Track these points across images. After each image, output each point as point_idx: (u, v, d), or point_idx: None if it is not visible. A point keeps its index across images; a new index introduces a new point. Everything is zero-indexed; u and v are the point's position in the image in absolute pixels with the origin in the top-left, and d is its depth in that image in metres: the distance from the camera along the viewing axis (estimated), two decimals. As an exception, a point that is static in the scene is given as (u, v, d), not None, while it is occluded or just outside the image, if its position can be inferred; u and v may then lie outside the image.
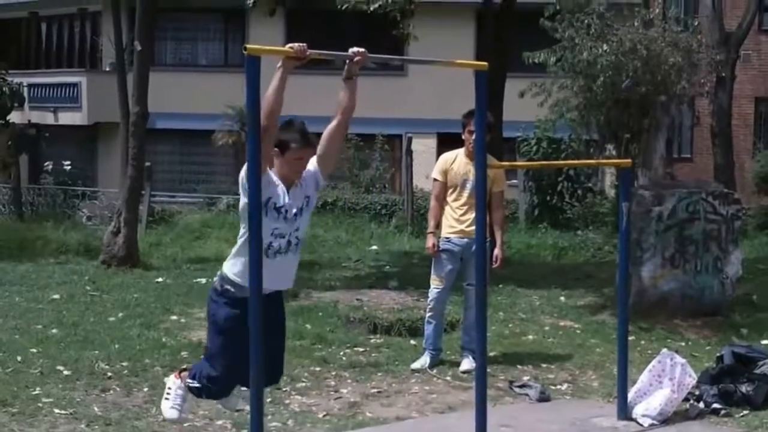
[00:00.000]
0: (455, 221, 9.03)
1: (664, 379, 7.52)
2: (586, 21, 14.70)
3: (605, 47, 13.89)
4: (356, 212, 22.07)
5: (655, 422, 7.38)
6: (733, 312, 11.49)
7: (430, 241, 9.09)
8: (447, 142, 20.00)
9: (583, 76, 14.35)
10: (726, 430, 7.40)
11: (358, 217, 21.46)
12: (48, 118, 30.64)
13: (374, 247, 17.70)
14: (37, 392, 7.92)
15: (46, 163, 27.09)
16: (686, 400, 7.76)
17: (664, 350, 7.87)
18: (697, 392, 7.89)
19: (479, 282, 6.25)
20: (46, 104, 30.73)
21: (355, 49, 5.40)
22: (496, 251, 9.07)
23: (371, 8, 17.17)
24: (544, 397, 8.15)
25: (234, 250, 5.83)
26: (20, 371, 8.56)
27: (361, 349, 9.77)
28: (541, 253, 17.28)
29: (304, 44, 5.17)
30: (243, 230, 5.60)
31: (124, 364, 8.88)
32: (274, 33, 26.57)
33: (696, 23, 17.67)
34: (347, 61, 5.43)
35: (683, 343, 10.27)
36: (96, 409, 7.55)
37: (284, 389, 8.25)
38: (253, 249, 4.87)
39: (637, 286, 11.15)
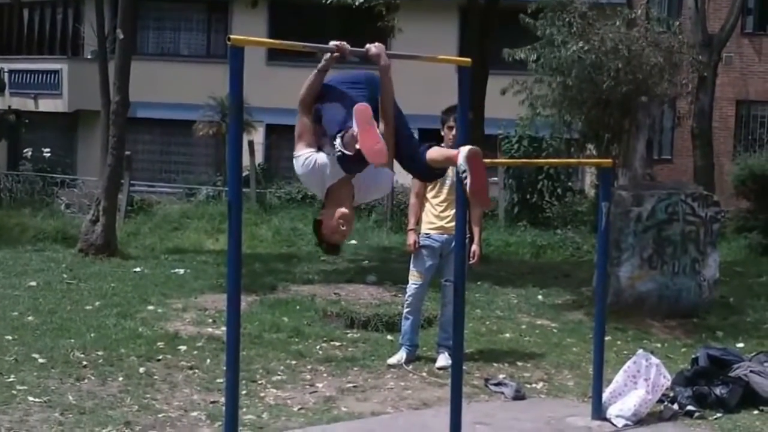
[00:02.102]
0: (435, 218, 9.04)
1: (639, 380, 7.54)
2: (567, 19, 14.71)
3: (580, 44, 13.90)
4: (336, 205, 22.02)
5: (629, 423, 7.40)
6: (710, 314, 11.54)
7: (410, 238, 9.09)
8: (428, 137, 19.96)
9: (559, 73, 14.36)
10: (699, 432, 7.44)
11: (337, 211, 21.41)
12: (28, 105, 30.50)
13: (353, 242, 17.68)
14: (11, 379, 7.88)
15: (25, 150, 26.93)
16: (660, 401, 7.78)
17: (640, 351, 7.89)
18: (671, 394, 7.92)
19: (458, 279, 6.24)
20: (27, 90, 30.59)
21: (335, 42, 5.30)
22: (474, 247, 9.09)
23: (356, 2, 17.16)
24: (519, 396, 8.16)
25: None
26: (-6, 358, 8.53)
27: (337, 344, 9.76)
28: (519, 252, 17.31)
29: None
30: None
31: (100, 353, 8.85)
32: (257, 24, 26.55)
33: (678, 24, 17.71)
34: (327, 55, 5.33)
35: (659, 344, 10.30)
36: (70, 397, 7.52)
37: (260, 382, 8.24)
38: (232, 247, 4.84)
39: (614, 287, 11.19)
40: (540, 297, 12.74)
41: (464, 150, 5.20)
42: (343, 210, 5.13)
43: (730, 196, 21.20)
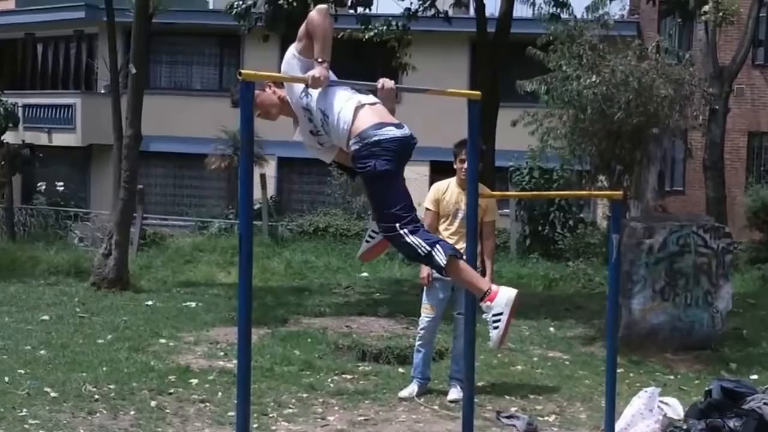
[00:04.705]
0: (446, 250, 9.02)
1: (645, 411, 7.53)
2: (578, 51, 14.76)
3: (594, 78, 13.93)
4: (348, 238, 22.08)
5: (641, 455, 7.37)
6: (723, 346, 11.49)
7: (424, 271, 9.07)
8: (440, 169, 19.99)
9: (571, 106, 14.39)
10: (713, 465, 7.39)
11: (349, 244, 21.45)
12: (42, 139, 30.66)
13: (365, 274, 17.69)
14: (23, 414, 7.88)
15: (39, 184, 27.09)
16: (673, 433, 7.75)
17: (645, 389, 7.90)
18: (684, 426, 7.88)
19: (469, 311, 6.23)
20: (41, 125, 30.76)
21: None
22: (486, 280, 9.06)
23: (366, 36, 17.26)
24: (531, 428, 8.13)
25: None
26: (7, 392, 8.53)
27: (349, 377, 9.74)
28: (531, 283, 17.27)
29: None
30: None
31: (112, 386, 8.86)
32: (269, 59, 26.62)
33: (688, 56, 17.76)
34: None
35: (672, 377, 10.27)
36: (82, 431, 7.51)
37: (271, 415, 8.23)
38: (243, 279, 4.85)
39: (626, 319, 11.15)
40: (552, 329, 12.71)
41: (509, 292, 5.14)
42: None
43: (743, 227, 21.19)
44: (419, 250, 5.14)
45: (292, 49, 5.46)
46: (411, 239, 5.16)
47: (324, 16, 5.23)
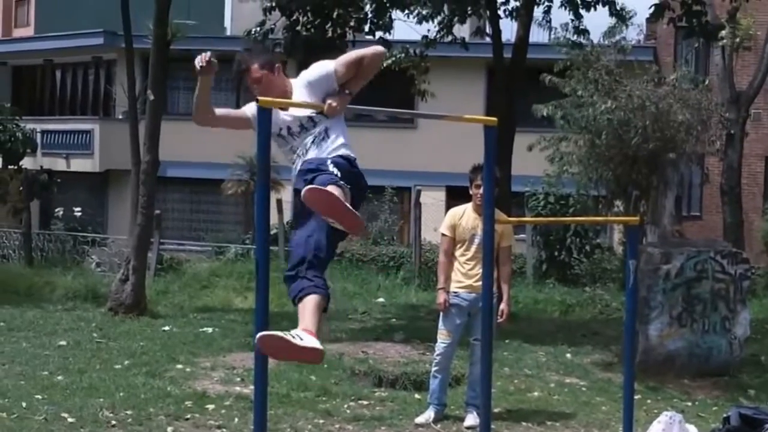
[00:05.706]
0: (463, 276, 9.03)
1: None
2: (594, 76, 14.79)
3: (609, 103, 13.96)
4: (364, 264, 22.05)
5: (660, 482, 7.33)
6: (741, 372, 11.44)
7: (441, 297, 9.07)
8: (456, 194, 20.04)
9: (587, 131, 14.41)
10: (731, 492, 7.35)
11: (365, 269, 21.44)
12: (60, 165, 30.84)
13: (381, 300, 17.68)
14: (40, 439, 7.90)
15: (57, 209, 27.18)
16: (692, 460, 7.71)
17: (665, 412, 7.84)
18: (703, 453, 7.85)
19: (485, 337, 6.23)
20: (59, 150, 30.96)
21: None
22: (502, 306, 9.05)
23: (384, 64, 17.31)
24: (548, 455, 8.10)
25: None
26: (25, 418, 8.53)
27: (365, 402, 9.72)
28: (548, 309, 17.22)
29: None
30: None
31: (129, 412, 8.86)
32: (286, 84, 26.75)
33: (706, 82, 17.76)
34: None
35: (690, 403, 10.22)
36: (99, 457, 7.52)
37: (288, 441, 8.22)
38: (259, 305, 4.86)
39: (644, 345, 11.12)
40: (569, 355, 12.67)
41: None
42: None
43: (761, 252, 21.12)
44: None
45: (332, 66, 5.59)
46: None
47: (381, 59, 5.69)
